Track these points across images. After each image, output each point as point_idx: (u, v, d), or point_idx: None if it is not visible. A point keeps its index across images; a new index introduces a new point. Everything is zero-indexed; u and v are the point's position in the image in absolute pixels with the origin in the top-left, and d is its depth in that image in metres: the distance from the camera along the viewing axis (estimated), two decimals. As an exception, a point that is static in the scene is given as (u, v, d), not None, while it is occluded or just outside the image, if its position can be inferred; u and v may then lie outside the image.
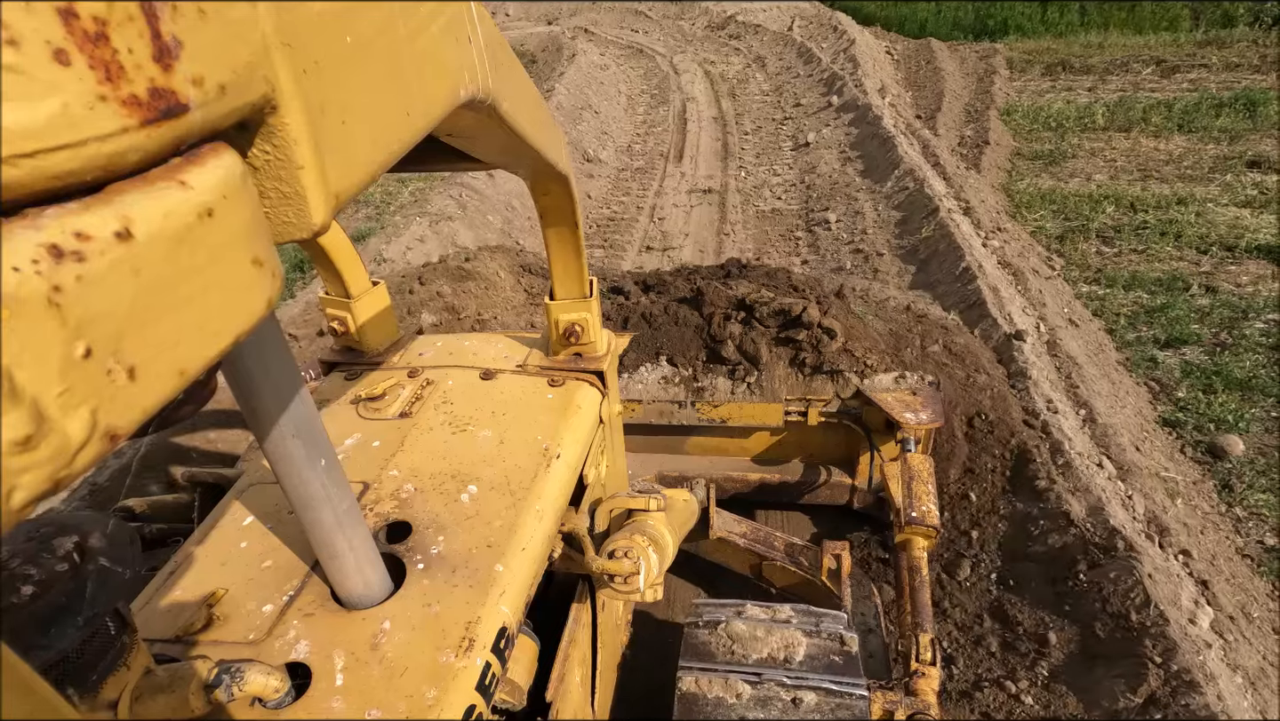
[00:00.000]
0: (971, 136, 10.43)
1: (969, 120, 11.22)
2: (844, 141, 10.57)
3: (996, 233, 7.20)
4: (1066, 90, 12.24)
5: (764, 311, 4.45)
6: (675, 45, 18.01)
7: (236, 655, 1.23)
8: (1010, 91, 12.35)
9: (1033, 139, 10.29)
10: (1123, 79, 12.50)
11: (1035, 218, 7.97)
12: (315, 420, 1.18)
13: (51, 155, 0.37)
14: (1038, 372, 4.98)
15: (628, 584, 1.87)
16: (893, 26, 17.39)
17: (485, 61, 0.97)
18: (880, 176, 9.02)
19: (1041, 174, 9.13)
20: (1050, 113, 11.07)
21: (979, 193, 8.24)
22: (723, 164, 10.71)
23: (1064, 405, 4.79)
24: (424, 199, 8.40)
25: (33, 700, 0.48)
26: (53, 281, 0.37)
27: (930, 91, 12.58)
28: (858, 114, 11.13)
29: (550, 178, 1.72)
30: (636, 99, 14.27)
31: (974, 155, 9.65)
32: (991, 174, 9.09)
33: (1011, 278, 6.42)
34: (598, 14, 21.78)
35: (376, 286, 2.20)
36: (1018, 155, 9.85)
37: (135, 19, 0.40)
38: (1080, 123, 10.57)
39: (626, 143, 12.04)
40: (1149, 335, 5.98)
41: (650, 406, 3.74)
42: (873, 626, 3.10)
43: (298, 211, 0.59)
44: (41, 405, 0.37)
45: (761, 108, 13.16)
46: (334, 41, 0.61)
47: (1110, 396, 5.14)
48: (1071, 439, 4.34)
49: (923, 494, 2.94)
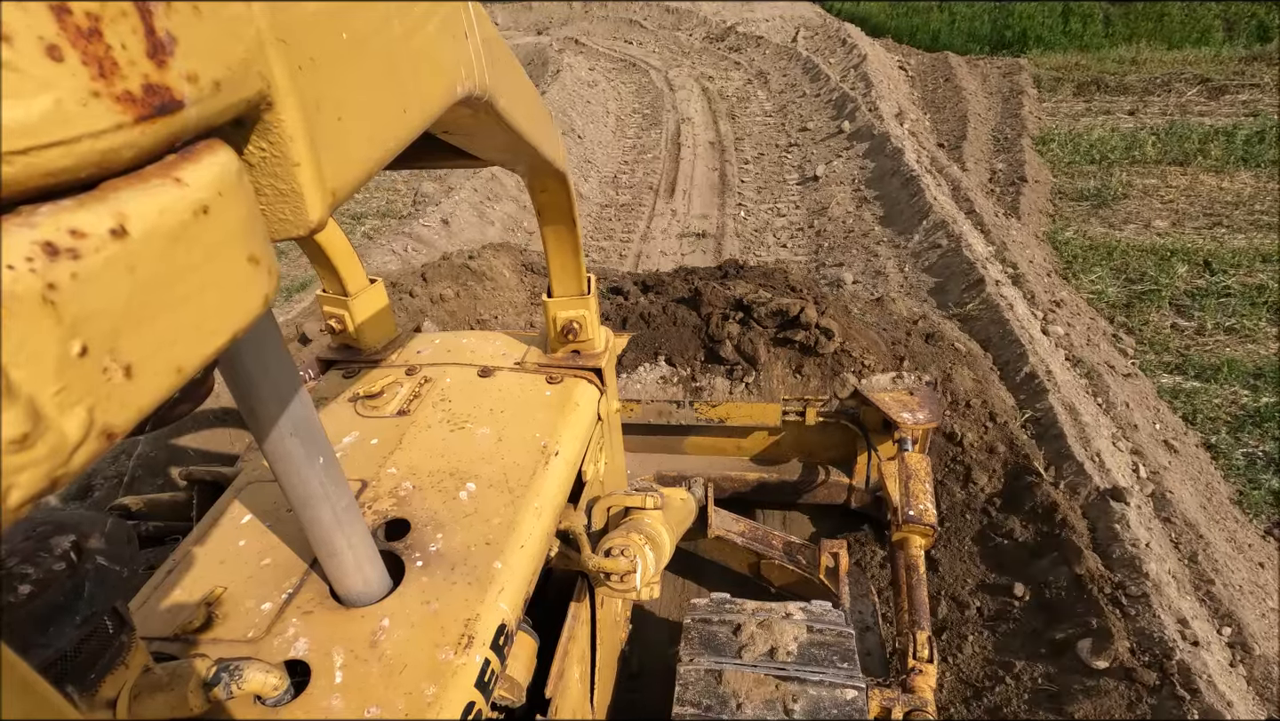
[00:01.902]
0: (1004, 171, 9.08)
1: (999, 149, 9.85)
2: (858, 177, 9.20)
3: (1055, 310, 5.90)
4: (1104, 113, 10.94)
5: (761, 312, 4.46)
6: (671, 58, 16.96)
7: (235, 653, 1.23)
8: (1041, 114, 11.07)
9: (1074, 174, 8.92)
10: (1165, 100, 11.18)
11: (1092, 280, 6.61)
12: (313, 418, 1.18)
13: (45, 152, 0.37)
14: (1157, 567, 3.44)
15: (624, 582, 1.87)
16: (904, 37, 16.13)
17: (482, 58, 0.97)
18: (905, 226, 7.68)
19: (1090, 218, 7.82)
20: (1091, 141, 9.63)
21: (1024, 249, 6.96)
22: (719, 200, 9.47)
23: (1202, 625, 3.27)
24: (366, 252, 7.21)
25: (32, 699, 0.48)
26: (48, 279, 0.37)
27: (951, 113, 11.35)
28: (873, 144, 9.75)
29: (548, 175, 1.72)
30: (626, 120, 13.19)
31: (1010, 195, 8.32)
32: (1033, 220, 7.81)
33: (1086, 381, 5.05)
34: (590, 23, 20.92)
35: (374, 284, 2.20)
36: (1059, 194, 8.48)
37: (129, 15, 0.40)
38: (1128, 154, 9.16)
39: (613, 172, 10.77)
40: (1259, 452, 4.56)
41: (649, 406, 3.74)
42: (870, 624, 3.11)
43: (294, 209, 0.59)
44: (38, 403, 0.37)
45: (763, 131, 11.93)
46: (329, 38, 0.60)
47: (1250, 586, 3.64)
48: (1234, 705, 2.90)
49: (920, 493, 2.95)
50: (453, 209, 8.24)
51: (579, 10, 22.06)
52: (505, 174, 9.19)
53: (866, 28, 16.52)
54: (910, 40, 16.05)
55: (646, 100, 14.15)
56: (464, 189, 8.70)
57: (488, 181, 8.93)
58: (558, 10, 22.31)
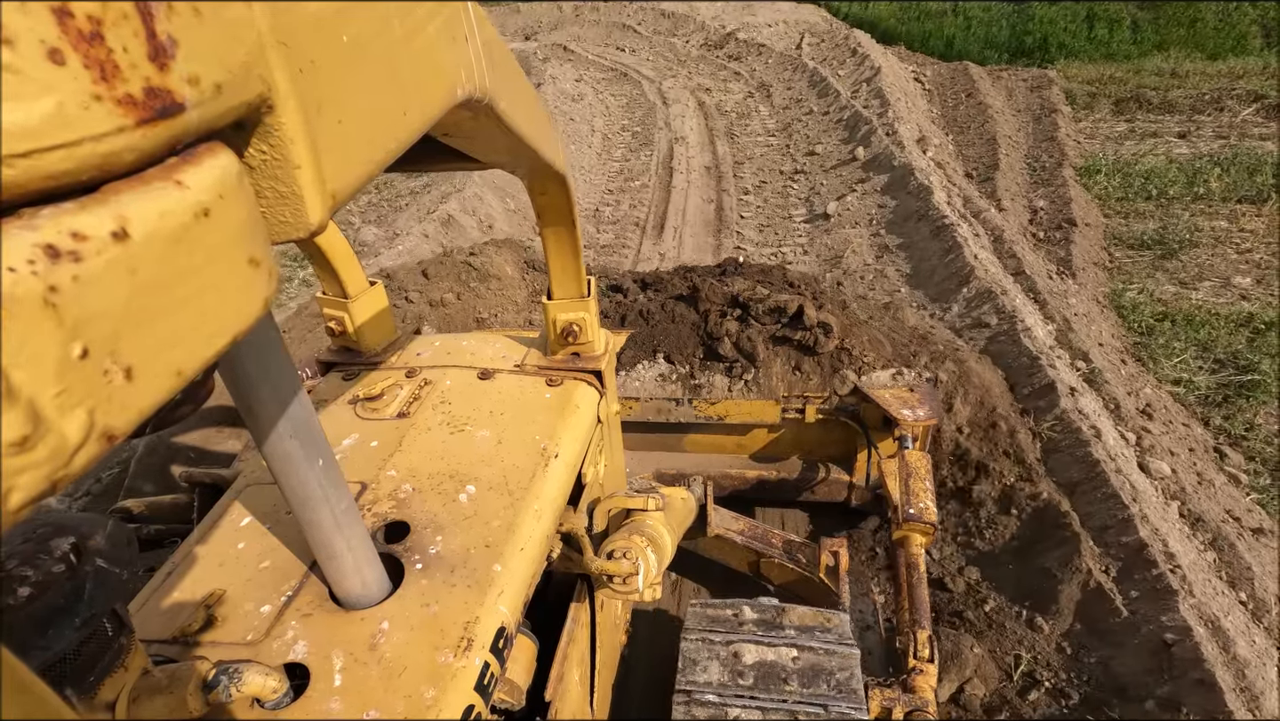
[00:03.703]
0: (1048, 210, 7.84)
1: (1037, 181, 8.65)
2: (877, 218, 7.86)
3: (1147, 427, 4.54)
4: (1151, 135, 9.66)
5: (760, 309, 4.46)
6: (666, 67, 15.68)
7: (234, 656, 1.23)
8: (1079, 137, 9.80)
9: (1128, 213, 7.68)
10: (1218, 119, 9.91)
11: (1175, 364, 5.32)
12: (313, 420, 1.18)
13: (47, 155, 0.37)
14: None
15: (626, 584, 1.87)
16: (916, 44, 14.94)
17: (482, 60, 0.97)
18: (940, 290, 6.25)
19: (1155, 272, 6.61)
20: (1143, 172, 8.38)
21: (1089, 322, 5.68)
22: (715, 240, 8.23)
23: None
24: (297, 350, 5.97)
25: (31, 701, 0.48)
26: (49, 281, 0.37)
27: (977, 135, 10.11)
28: (894, 177, 8.43)
29: (548, 177, 1.72)
30: (614, 139, 11.95)
31: (1058, 243, 7.11)
32: (1089, 276, 6.56)
33: (1214, 556, 3.66)
34: (581, 28, 19.60)
35: (374, 286, 2.20)
36: (1114, 240, 7.26)
37: (130, 18, 0.40)
38: (1189, 189, 7.90)
39: (595, 204, 9.26)
40: None
41: (648, 404, 3.74)
42: (870, 623, 3.11)
43: (295, 211, 0.59)
44: (38, 406, 0.37)
45: (765, 154, 10.70)
46: (330, 41, 0.60)
47: None
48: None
49: (920, 490, 2.95)
50: (395, 260, 6.83)
51: (569, 14, 20.83)
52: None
53: (875, 33, 15.30)
54: (923, 47, 14.93)
55: (637, 116, 12.92)
56: (413, 233, 7.54)
57: (443, 227, 7.87)
58: (547, 14, 20.96)
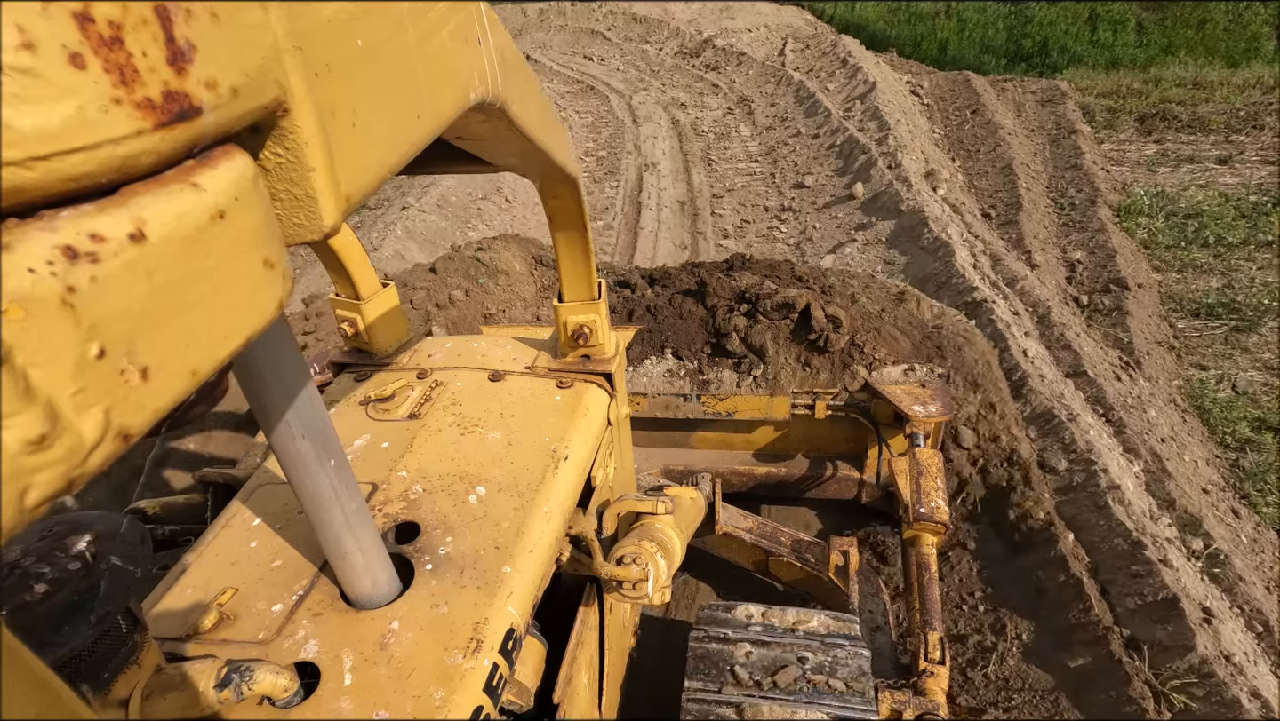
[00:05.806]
0: (1087, 266, 6.44)
1: (1068, 223, 7.31)
2: (882, 275, 6.34)
3: None
4: (1187, 160, 8.45)
5: (768, 304, 4.44)
6: (637, 79, 14.25)
7: (246, 654, 1.24)
8: (1105, 163, 8.55)
9: (1183, 265, 6.34)
10: (1258, 140, 8.71)
11: None
12: (325, 421, 1.19)
13: (66, 158, 0.38)
14: None
15: (636, 589, 1.87)
16: (908, 49, 13.95)
17: (495, 64, 0.97)
18: None
19: (1232, 351, 5.29)
20: (1190, 210, 7.10)
21: (1179, 449, 4.44)
22: None
23: None
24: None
25: (47, 696, 0.49)
26: (67, 282, 0.37)
27: (988, 161, 8.77)
28: (901, 225, 6.99)
29: (559, 180, 1.72)
30: None
31: (1108, 311, 5.73)
32: (1158, 365, 5.23)
33: None
34: (547, 34, 18.09)
35: (386, 288, 2.21)
36: (1173, 304, 5.98)
37: (150, 23, 0.41)
38: (1251, 234, 6.64)
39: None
40: None
41: (655, 400, 3.71)
42: (880, 624, 3.09)
43: (309, 213, 0.59)
44: (55, 405, 0.37)
45: (748, 185, 9.27)
46: (345, 45, 0.61)
47: None
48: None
49: (931, 489, 2.91)
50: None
51: (534, 19, 19.29)
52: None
53: (863, 37, 14.34)
54: (915, 53, 13.95)
55: (604, 137, 11.37)
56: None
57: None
58: (511, 18, 19.38)
